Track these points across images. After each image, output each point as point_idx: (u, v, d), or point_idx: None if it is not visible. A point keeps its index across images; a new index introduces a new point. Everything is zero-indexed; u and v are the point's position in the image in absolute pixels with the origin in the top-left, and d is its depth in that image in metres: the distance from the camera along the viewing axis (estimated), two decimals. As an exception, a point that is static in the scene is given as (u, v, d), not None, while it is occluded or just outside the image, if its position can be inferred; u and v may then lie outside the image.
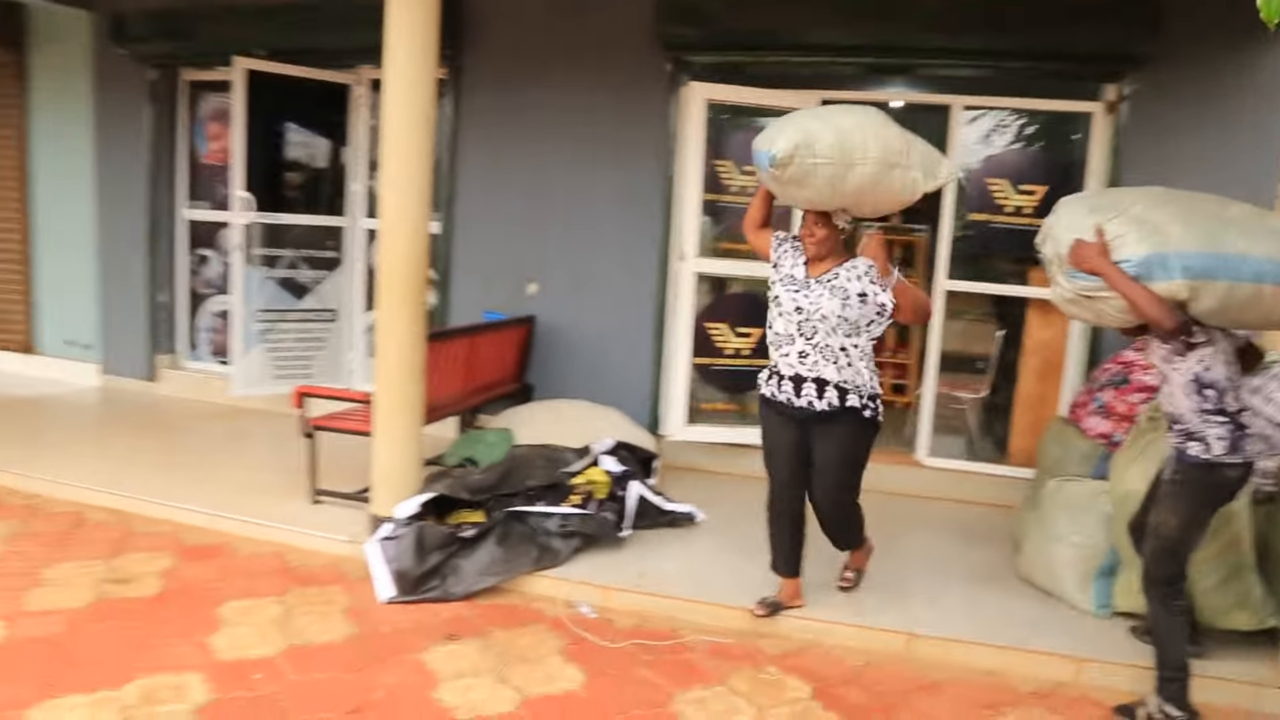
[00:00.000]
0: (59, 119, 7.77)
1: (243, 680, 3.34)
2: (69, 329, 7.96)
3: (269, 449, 6.01)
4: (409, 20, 4.25)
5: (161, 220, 7.47)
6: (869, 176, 3.41)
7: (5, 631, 3.60)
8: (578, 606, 4.12)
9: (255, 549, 4.60)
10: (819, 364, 3.63)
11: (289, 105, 6.69)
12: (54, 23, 7.62)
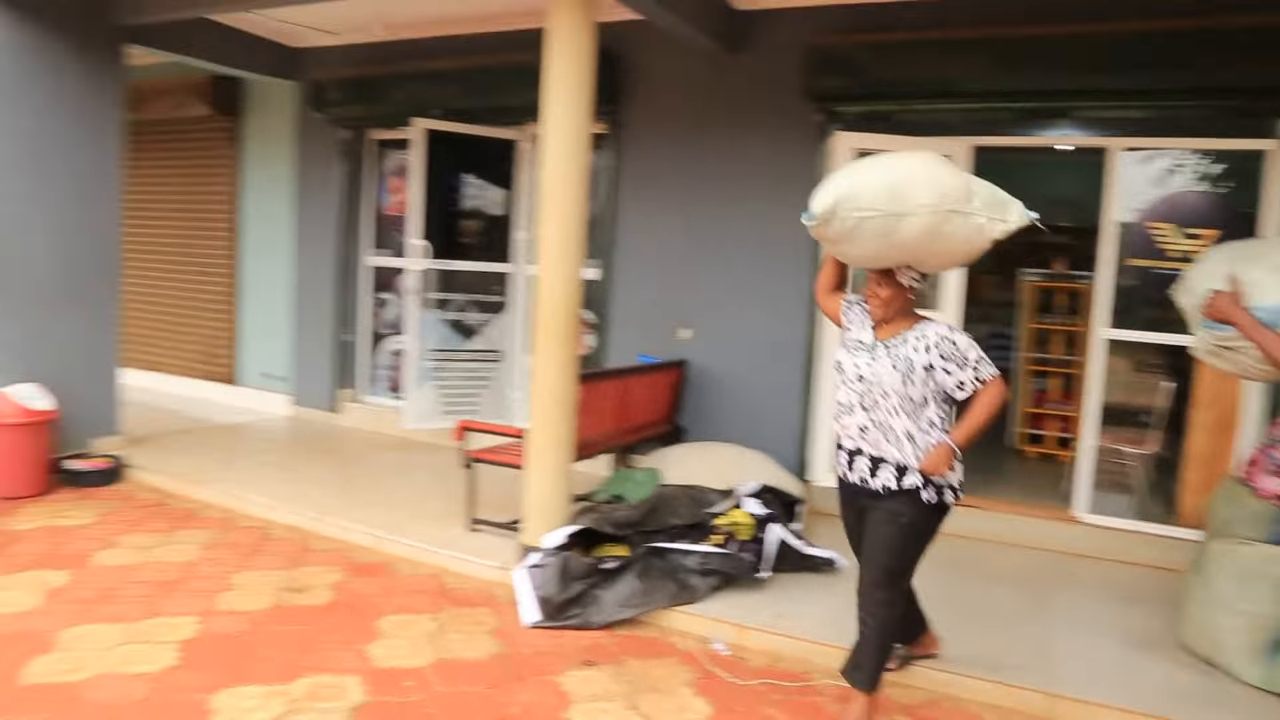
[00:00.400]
0: (265, 177, 8.64)
1: (395, 687, 3.62)
2: (266, 363, 8.76)
3: (433, 479, 6.41)
4: (565, 81, 4.58)
5: (348, 267, 8.15)
6: (924, 226, 3.08)
7: (199, 626, 4.06)
8: (712, 643, 4.21)
9: (415, 570, 4.95)
10: (880, 442, 3.29)
11: (462, 160, 7.21)
12: (265, 92, 8.53)
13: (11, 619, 4.07)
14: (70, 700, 3.39)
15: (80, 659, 3.71)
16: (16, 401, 5.83)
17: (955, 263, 3.37)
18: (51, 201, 6.38)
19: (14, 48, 6.11)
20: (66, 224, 6.47)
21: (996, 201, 3.18)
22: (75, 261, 6.54)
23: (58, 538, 5.16)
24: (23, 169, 6.22)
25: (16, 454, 5.83)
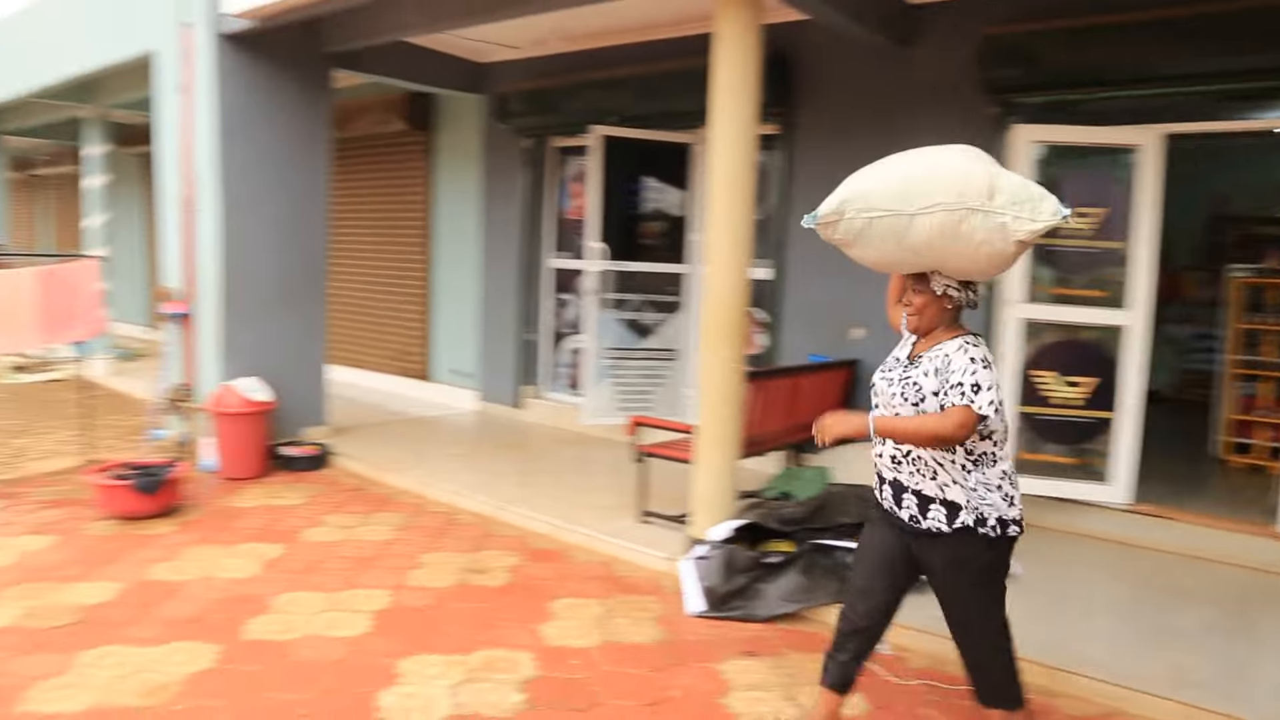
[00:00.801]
0: (455, 186, 9.20)
1: (563, 664, 3.85)
2: (455, 361, 9.32)
3: (608, 472, 6.67)
4: (731, 85, 4.70)
5: (531, 269, 8.57)
6: (938, 226, 2.75)
7: (391, 599, 4.44)
8: (874, 641, 4.22)
9: (587, 557, 5.19)
10: (915, 476, 2.92)
11: (638, 164, 7.45)
12: (455, 107, 9.09)
13: (236, 583, 4.59)
14: (281, 655, 3.82)
15: (290, 621, 4.15)
16: (241, 393, 6.52)
17: (982, 268, 2.87)
18: (273, 219, 7.09)
19: (247, 83, 6.84)
20: (284, 238, 7.17)
21: (1025, 198, 2.76)
22: (290, 271, 7.23)
23: (273, 515, 5.74)
24: (252, 191, 6.95)
25: (241, 440, 6.51)
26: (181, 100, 6.97)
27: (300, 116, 7.18)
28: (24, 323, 6.14)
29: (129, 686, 3.53)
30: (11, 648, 3.84)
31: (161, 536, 5.28)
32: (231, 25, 6.62)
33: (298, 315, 7.30)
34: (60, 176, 18.44)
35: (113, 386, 10.08)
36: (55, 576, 4.64)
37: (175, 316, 7.16)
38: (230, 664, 3.74)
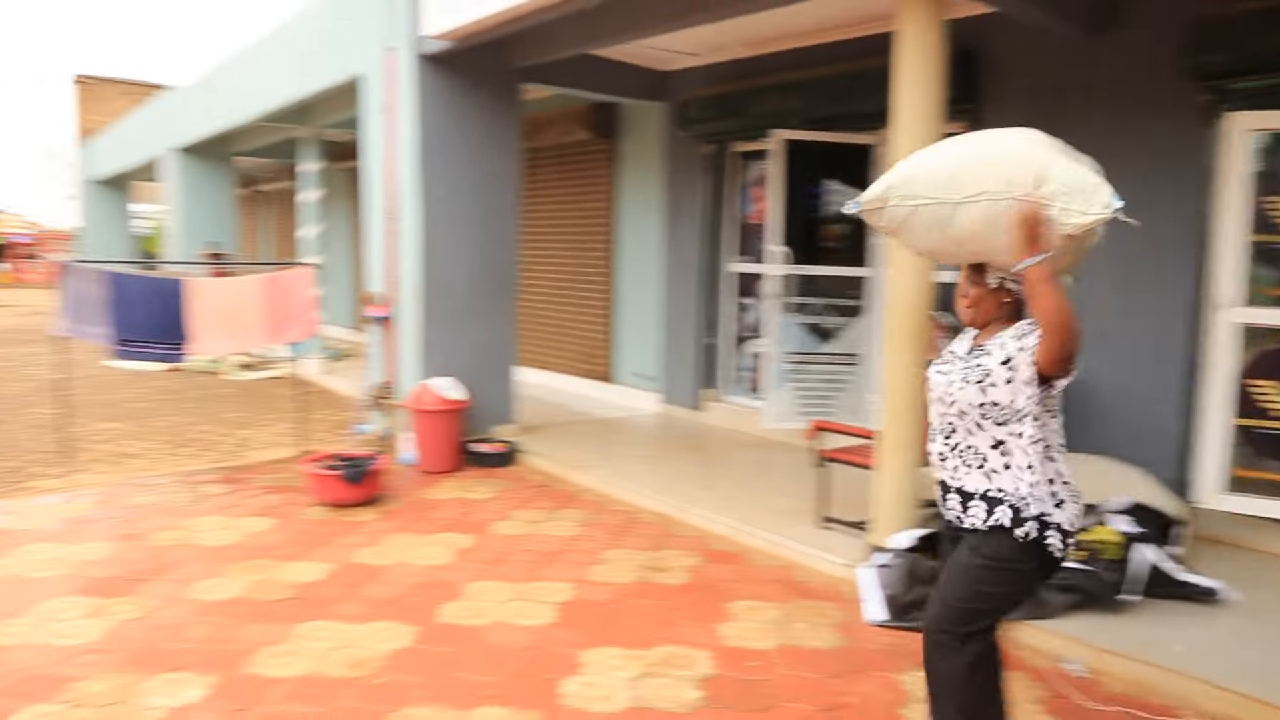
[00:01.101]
0: (637, 192, 9.40)
1: (740, 664, 3.88)
2: (638, 364, 9.51)
3: (788, 477, 6.64)
4: (913, 83, 4.60)
5: (712, 273, 8.64)
6: (982, 216, 2.62)
7: (574, 592, 4.61)
8: (1065, 662, 4.03)
9: (766, 561, 5.19)
10: (959, 470, 2.79)
11: (820, 167, 7.38)
12: (637, 115, 9.29)
13: (431, 570, 4.88)
14: (471, 639, 4.04)
15: (480, 608, 4.38)
16: (438, 392, 6.91)
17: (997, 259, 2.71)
18: (467, 228, 7.49)
19: (443, 101, 7.26)
20: (477, 246, 7.56)
21: (1078, 189, 2.55)
22: (482, 277, 7.61)
23: (466, 508, 6.05)
24: (448, 203, 7.36)
25: (436, 436, 6.90)
26: (385, 119, 7.46)
27: (491, 130, 7.55)
28: (249, 325, 6.74)
29: (338, 658, 3.83)
30: (240, 616, 4.24)
31: (365, 523, 5.67)
32: (430, 47, 7.04)
33: (489, 319, 7.67)
34: (279, 192, 20.08)
35: (323, 384, 10.88)
36: (274, 555, 5.08)
37: (378, 320, 7.68)
38: (426, 644, 3.98)
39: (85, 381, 10.67)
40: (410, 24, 7.10)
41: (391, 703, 3.49)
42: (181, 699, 3.49)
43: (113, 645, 3.96)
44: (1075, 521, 2.71)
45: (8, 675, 3.68)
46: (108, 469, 7.00)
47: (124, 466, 7.08)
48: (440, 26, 6.67)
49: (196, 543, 5.30)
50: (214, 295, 6.67)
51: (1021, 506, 2.65)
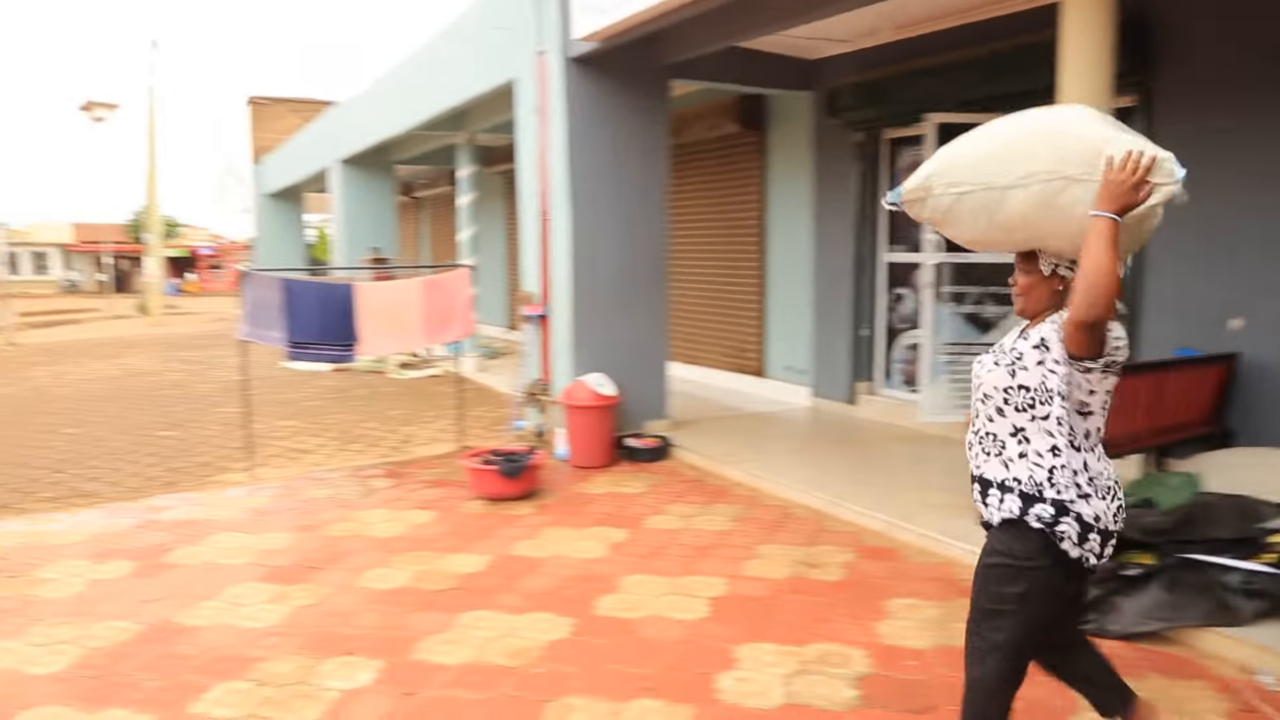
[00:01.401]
0: (786, 183, 9.28)
1: (898, 664, 3.77)
2: (789, 357, 9.40)
3: (945, 472, 6.42)
4: (1080, 55, 4.35)
5: (864, 264, 8.45)
6: (1034, 200, 2.43)
7: (727, 587, 4.59)
8: (1257, 674, 3.73)
9: (923, 558, 5.04)
10: (980, 458, 2.62)
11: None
12: (784, 105, 9.18)
13: (586, 563, 4.97)
14: (627, 632, 4.08)
15: (635, 601, 4.42)
16: (591, 388, 7.03)
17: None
18: (614, 225, 7.57)
19: (591, 101, 7.38)
20: (627, 244, 7.63)
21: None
22: (633, 274, 7.68)
23: (619, 502, 6.13)
24: (598, 202, 7.47)
25: (589, 431, 7.01)
26: (538, 121, 7.64)
27: (639, 128, 7.61)
28: (413, 326, 7.04)
29: (498, 648, 3.94)
30: (405, 605, 4.43)
31: (522, 517, 5.83)
32: (578, 49, 7.15)
33: (641, 315, 7.74)
34: (434, 197, 20.87)
35: (479, 381, 11.25)
36: (437, 547, 5.28)
37: (533, 318, 7.87)
38: (582, 636, 4.05)
39: (264, 382, 11.38)
40: (559, 27, 7.24)
41: (550, 692, 3.57)
42: (354, 682, 3.68)
43: (292, 629, 4.20)
44: (1105, 518, 2.48)
45: (202, 654, 3.96)
46: (286, 464, 7.45)
47: (300, 461, 7.52)
48: (587, 28, 6.77)
49: (366, 534, 5.57)
50: (380, 298, 7.00)
51: (1034, 494, 2.48)
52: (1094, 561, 2.51)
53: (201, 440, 8.47)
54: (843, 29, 7.60)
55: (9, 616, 4.47)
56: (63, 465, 7.60)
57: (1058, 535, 2.46)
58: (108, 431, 9.02)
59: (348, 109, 15.44)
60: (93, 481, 7.03)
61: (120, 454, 7.94)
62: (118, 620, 4.36)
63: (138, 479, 7.09)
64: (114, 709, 3.52)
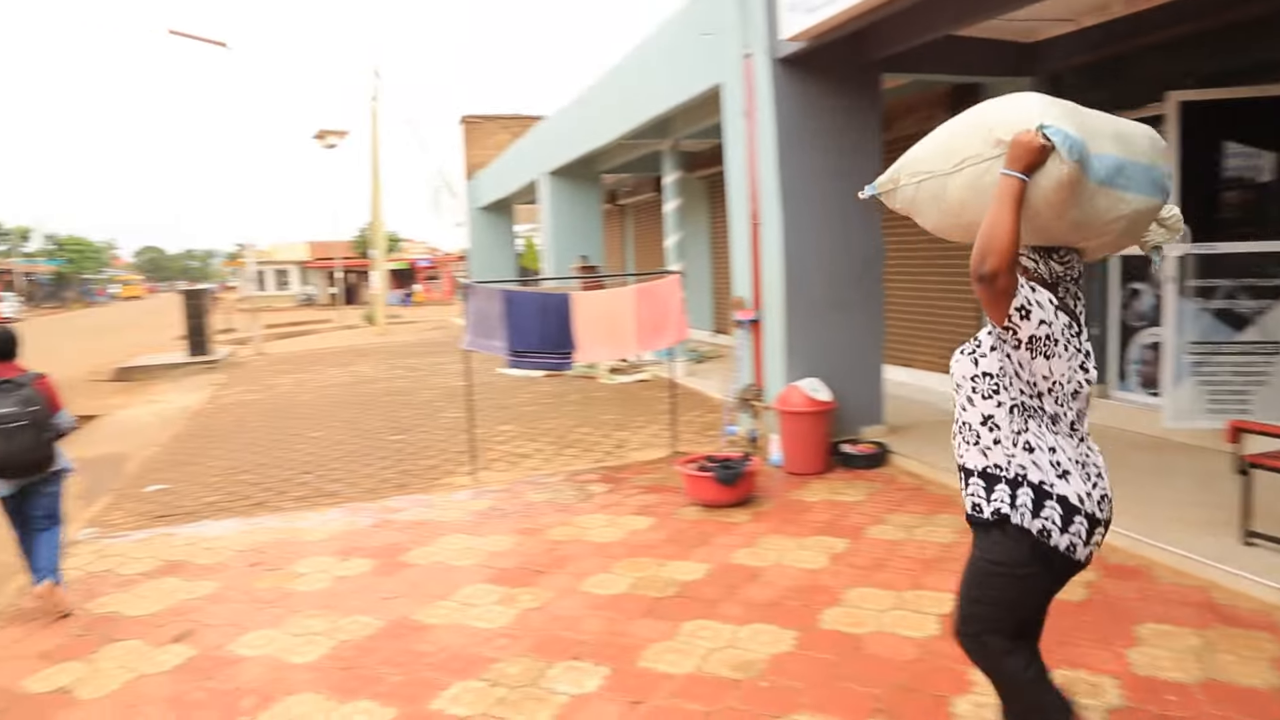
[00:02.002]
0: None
1: (1155, 698, 3.45)
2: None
3: (1196, 484, 5.87)
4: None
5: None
6: (966, 182, 2.48)
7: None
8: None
9: (1176, 579, 4.61)
10: (961, 447, 2.70)
11: (1223, 129, 6.45)
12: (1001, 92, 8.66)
13: (807, 573, 4.87)
14: (854, 648, 3.96)
15: (860, 615, 4.28)
16: (805, 393, 6.90)
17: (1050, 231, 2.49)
18: (827, 226, 7.41)
19: (798, 101, 7.25)
20: (838, 243, 7.45)
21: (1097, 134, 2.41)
22: (847, 275, 7.49)
23: (837, 510, 5.98)
24: (809, 203, 7.33)
25: (804, 437, 6.89)
26: (746, 125, 7.59)
27: (850, 125, 7.42)
28: (626, 333, 7.15)
29: (722, 658, 3.92)
30: (628, 611, 4.48)
31: (739, 525, 5.79)
32: (785, 49, 7.05)
33: (855, 317, 7.53)
34: (638, 204, 21.22)
35: (688, 386, 11.30)
36: (656, 553, 5.32)
37: (745, 323, 7.82)
38: (807, 650, 3.96)
39: (482, 388, 11.91)
40: (766, 28, 7.17)
41: (777, 707, 3.50)
42: (583, 687, 3.75)
43: (520, 631, 4.34)
44: (1088, 502, 2.52)
45: (438, 652, 4.16)
46: (506, 468, 7.75)
47: (519, 466, 7.80)
48: (795, 28, 6.66)
49: (585, 539, 5.69)
50: (596, 307, 7.16)
51: (1015, 479, 2.54)
52: (1081, 552, 2.56)
53: (427, 444, 8.95)
54: (1067, 7, 7.11)
55: (269, 607, 4.86)
56: (309, 467, 8.22)
57: (1044, 531, 2.51)
58: (345, 435, 9.70)
59: (555, 122, 15.95)
60: (335, 483, 7.57)
61: (356, 457, 8.51)
62: (362, 615, 4.66)
63: (372, 480, 7.57)
64: (362, 700, 3.75)
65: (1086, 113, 2.53)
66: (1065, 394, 2.54)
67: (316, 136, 29.63)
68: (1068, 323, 2.50)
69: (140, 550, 6.04)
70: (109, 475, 8.90)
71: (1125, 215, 2.52)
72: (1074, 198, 2.41)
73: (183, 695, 3.92)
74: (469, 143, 25.80)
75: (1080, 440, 2.60)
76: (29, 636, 4.71)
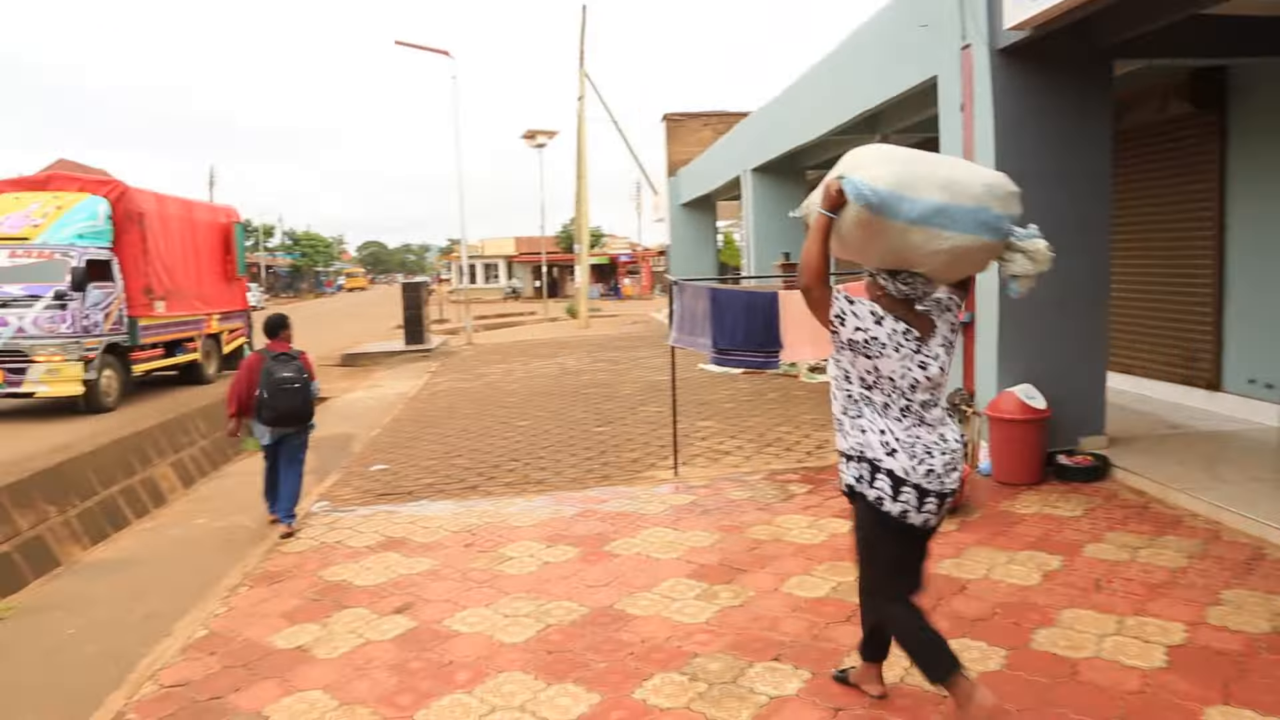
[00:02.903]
0: (1254, 169, 8.01)
1: None
2: (1254, 369, 8.12)
3: None
4: None
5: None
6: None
7: (1187, 635, 4.06)
8: None
9: None
10: (837, 435, 3.37)
11: None
12: (1252, 77, 7.92)
13: (1017, 590, 4.66)
14: (1070, 673, 3.75)
15: (1076, 639, 4.05)
16: (1020, 399, 6.57)
17: (868, 256, 3.23)
18: (1048, 225, 6.83)
19: (1018, 93, 6.91)
20: (1060, 244, 6.81)
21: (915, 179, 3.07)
22: (1069, 276, 6.96)
23: (1050, 525, 5.68)
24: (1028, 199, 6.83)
25: (1017, 446, 6.58)
26: (961, 119, 7.31)
27: (1074, 119, 6.98)
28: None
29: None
30: (829, 616, 4.45)
31: (945, 533, 5.57)
32: (1006, 39, 6.73)
33: (1076, 321, 7.09)
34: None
35: (890, 388, 11.01)
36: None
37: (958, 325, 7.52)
38: (1018, 670, 3.79)
39: (681, 384, 12.03)
40: (986, 18, 6.86)
41: (986, 728, 3.37)
42: (782, 690, 3.74)
43: (720, 628, 4.39)
44: (914, 474, 3.11)
45: (642, 642, 4.26)
46: (706, 464, 7.83)
47: (719, 463, 7.86)
48: (1019, 16, 6.34)
49: (786, 539, 5.67)
50: (803, 306, 7.06)
51: (857, 456, 3.21)
52: (915, 519, 3.15)
53: (630, 437, 9.17)
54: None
55: (482, 587, 5.14)
56: (516, 454, 8.61)
57: (879, 499, 3.15)
58: (550, 425, 10.09)
59: (759, 119, 15.91)
60: (541, 470, 7.89)
61: (561, 446, 8.83)
62: (567, 601, 4.84)
63: (577, 470, 7.84)
64: (568, 683, 3.90)
65: (924, 162, 3.15)
66: (899, 387, 3.16)
67: (526, 136, 30.79)
68: (903, 330, 3.13)
69: (365, 525, 6.51)
70: (338, 454, 9.66)
71: (945, 249, 3.08)
72: (871, 232, 3.06)
73: (404, 663, 4.21)
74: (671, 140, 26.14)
75: (918, 424, 3.18)
76: (275, 597, 5.19)
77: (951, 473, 3.17)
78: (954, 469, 3.18)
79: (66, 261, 12.16)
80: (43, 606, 5.87)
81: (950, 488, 3.17)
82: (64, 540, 8.89)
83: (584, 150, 27.20)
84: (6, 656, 5.06)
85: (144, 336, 13.63)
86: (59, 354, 11.96)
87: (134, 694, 4.10)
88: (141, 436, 11.74)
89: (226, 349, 17.23)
